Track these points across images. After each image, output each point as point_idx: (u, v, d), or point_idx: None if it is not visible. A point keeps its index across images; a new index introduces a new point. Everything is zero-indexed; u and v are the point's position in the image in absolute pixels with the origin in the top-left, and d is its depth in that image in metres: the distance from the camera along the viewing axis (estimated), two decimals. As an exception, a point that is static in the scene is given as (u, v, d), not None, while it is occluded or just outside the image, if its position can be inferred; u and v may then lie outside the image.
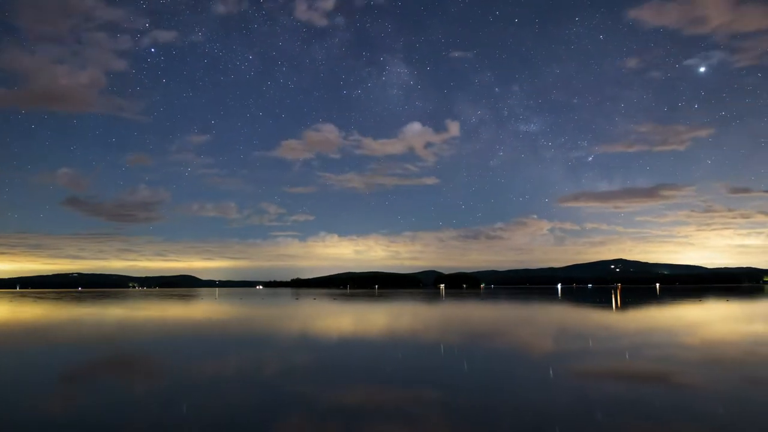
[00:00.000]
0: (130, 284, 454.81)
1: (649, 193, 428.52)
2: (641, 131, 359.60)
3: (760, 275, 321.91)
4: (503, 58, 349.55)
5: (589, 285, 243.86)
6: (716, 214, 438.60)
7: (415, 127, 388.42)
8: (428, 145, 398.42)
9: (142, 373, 10.39)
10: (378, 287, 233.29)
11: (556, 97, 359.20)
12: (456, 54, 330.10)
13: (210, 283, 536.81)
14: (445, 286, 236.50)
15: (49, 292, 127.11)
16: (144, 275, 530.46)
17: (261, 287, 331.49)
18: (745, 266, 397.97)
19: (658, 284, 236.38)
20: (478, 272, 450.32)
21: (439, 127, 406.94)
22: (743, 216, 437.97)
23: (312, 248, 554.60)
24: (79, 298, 65.58)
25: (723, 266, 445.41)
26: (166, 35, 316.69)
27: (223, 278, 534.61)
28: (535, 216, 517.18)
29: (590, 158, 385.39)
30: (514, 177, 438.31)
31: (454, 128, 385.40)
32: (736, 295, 62.43)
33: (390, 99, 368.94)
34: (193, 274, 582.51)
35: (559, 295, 71.19)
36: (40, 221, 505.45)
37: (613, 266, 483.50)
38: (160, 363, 11.65)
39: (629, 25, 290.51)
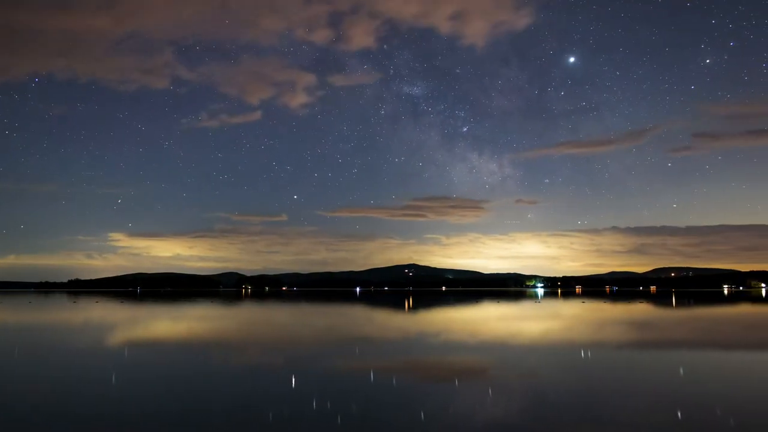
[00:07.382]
0: None
1: (445, 200, 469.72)
2: (511, 110, 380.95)
3: (524, 280, 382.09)
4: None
5: (386, 288, 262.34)
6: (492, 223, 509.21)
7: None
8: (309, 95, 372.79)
9: None
10: (171, 289, 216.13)
11: (441, 63, 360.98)
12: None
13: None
14: (247, 289, 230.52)
15: None
16: None
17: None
18: (513, 272, 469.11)
19: (444, 287, 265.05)
20: (282, 274, 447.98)
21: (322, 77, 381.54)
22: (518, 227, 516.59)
23: (96, 243, 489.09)
24: None
25: (496, 271, 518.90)
26: None
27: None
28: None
29: (465, 129, 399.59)
30: (392, 137, 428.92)
31: (340, 80, 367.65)
32: (505, 297, 76.58)
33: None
34: None
35: (357, 297, 76.05)
36: None
37: (407, 270, 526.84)
38: None
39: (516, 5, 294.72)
